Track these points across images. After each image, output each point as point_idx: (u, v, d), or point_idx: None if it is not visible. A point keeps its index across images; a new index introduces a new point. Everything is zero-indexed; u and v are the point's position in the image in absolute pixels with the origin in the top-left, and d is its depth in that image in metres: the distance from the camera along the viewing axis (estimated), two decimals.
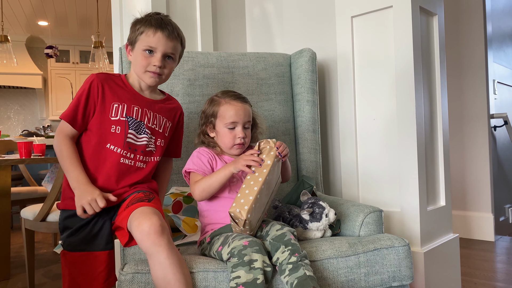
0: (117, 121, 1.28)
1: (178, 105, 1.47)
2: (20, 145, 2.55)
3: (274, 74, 1.93)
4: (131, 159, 1.29)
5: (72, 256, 1.23)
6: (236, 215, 1.18)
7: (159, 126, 1.36)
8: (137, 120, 1.30)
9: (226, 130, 1.39)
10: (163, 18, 1.31)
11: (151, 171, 1.35)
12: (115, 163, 1.26)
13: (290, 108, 1.95)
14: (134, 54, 1.32)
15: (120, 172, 1.26)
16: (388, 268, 1.28)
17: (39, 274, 2.55)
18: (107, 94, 1.28)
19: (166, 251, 1.06)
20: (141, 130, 1.31)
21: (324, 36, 2.14)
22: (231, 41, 2.46)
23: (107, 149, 1.26)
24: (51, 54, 5.47)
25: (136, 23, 1.32)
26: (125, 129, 1.28)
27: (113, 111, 1.28)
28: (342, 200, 1.59)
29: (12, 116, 6.73)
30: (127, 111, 1.29)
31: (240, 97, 1.42)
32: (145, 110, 1.33)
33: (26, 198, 3.04)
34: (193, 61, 1.81)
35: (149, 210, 1.12)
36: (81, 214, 1.18)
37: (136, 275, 1.10)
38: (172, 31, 1.31)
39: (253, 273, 1.08)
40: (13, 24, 5.93)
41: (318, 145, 1.91)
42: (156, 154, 1.36)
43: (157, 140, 1.35)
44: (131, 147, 1.29)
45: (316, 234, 1.39)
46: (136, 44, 1.31)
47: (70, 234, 1.24)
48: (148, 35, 1.28)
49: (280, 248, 1.16)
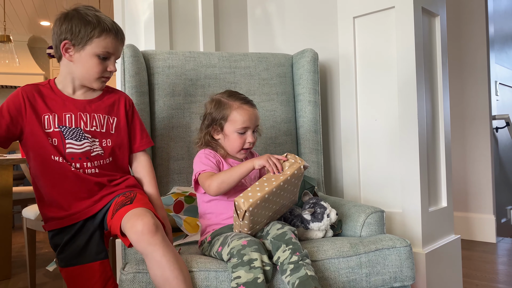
0: (52, 132, 1.22)
1: (120, 95, 1.37)
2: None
3: (276, 74, 1.93)
4: (78, 168, 1.22)
5: (67, 271, 1.22)
6: (239, 205, 1.17)
7: (100, 126, 1.29)
8: (72, 128, 1.23)
9: (236, 134, 1.35)
10: (112, 21, 1.25)
11: (107, 174, 1.28)
12: (67, 173, 1.21)
13: (291, 109, 1.94)
14: (82, 58, 1.23)
15: (76, 182, 1.22)
16: (390, 268, 1.28)
17: (40, 273, 2.56)
18: (36, 106, 1.22)
19: (161, 249, 1.05)
20: (80, 137, 1.24)
21: (326, 36, 2.14)
22: (233, 41, 2.46)
23: (53, 161, 1.21)
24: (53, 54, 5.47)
25: (84, 21, 1.20)
26: (61, 140, 1.22)
27: (46, 123, 1.22)
28: (344, 201, 1.59)
29: None
30: (59, 120, 1.23)
31: (250, 102, 1.39)
32: (79, 114, 1.25)
33: (27, 197, 3.05)
34: (195, 61, 1.81)
35: (139, 211, 1.11)
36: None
37: (137, 275, 1.10)
38: (123, 34, 1.28)
39: (254, 273, 1.08)
40: (15, 24, 5.95)
41: (319, 146, 1.90)
42: (105, 156, 1.28)
43: (102, 142, 1.28)
44: (74, 157, 1.22)
45: (317, 234, 1.39)
46: (87, 47, 1.21)
47: (60, 251, 1.23)
48: (106, 41, 1.21)
49: (281, 247, 1.16)
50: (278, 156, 1.28)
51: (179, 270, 1.06)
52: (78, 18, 1.21)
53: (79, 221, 1.23)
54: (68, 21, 1.21)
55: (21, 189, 3.10)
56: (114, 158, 1.31)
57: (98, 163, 1.26)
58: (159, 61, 1.75)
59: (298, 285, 1.08)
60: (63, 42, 1.21)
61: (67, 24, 1.21)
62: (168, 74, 1.74)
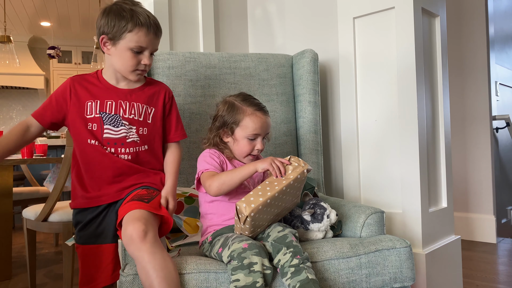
0: (92, 118, 1.31)
1: (161, 87, 1.44)
2: None
3: (275, 75, 1.93)
4: (112, 153, 1.31)
5: (84, 249, 1.31)
6: (241, 209, 1.17)
7: (138, 115, 1.35)
8: (111, 114, 1.31)
9: (246, 140, 1.34)
10: (148, 15, 1.28)
11: (140, 161, 1.35)
12: (100, 156, 1.29)
13: (291, 109, 1.94)
14: (118, 51, 1.29)
15: (108, 164, 1.30)
16: (390, 269, 1.28)
17: (40, 274, 2.56)
18: (80, 94, 1.32)
19: (147, 255, 1.06)
20: (118, 123, 1.31)
21: (326, 37, 2.14)
22: (233, 41, 2.46)
23: (89, 144, 1.30)
24: (54, 55, 5.48)
25: (119, 16, 1.26)
26: (100, 125, 1.30)
27: (88, 109, 1.31)
28: (344, 201, 1.59)
29: (14, 116, 6.75)
30: (100, 107, 1.31)
31: (263, 108, 1.38)
32: (119, 102, 1.33)
33: (28, 198, 3.05)
34: (195, 61, 1.81)
35: (138, 214, 1.13)
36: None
37: (136, 277, 1.10)
38: (158, 28, 1.31)
39: (253, 276, 1.08)
40: (15, 25, 5.95)
41: (319, 146, 1.90)
42: (141, 143, 1.35)
43: (138, 130, 1.35)
44: (110, 142, 1.30)
45: (317, 235, 1.39)
46: (121, 41, 1.27)
47: (81, 228, 1.31)
48: (139, 36, 1.26)
49: (282, 250, 1.15)
50: (281, 160, 1.28)
51: (162, 277, 1.05)
52: (114, 12, 1.26)
53: (104, 204, 1.30)
54: (105, 16, 1.27)
55: (21, 189, 3.10)
56: (149, 147, 1.38)
57: (134, 150, 1.33)
58: (159, 62, 1.75)
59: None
60: (101, 36, 1.29)
61: (104, 19, 1.27)
62: (168, 75, 1.74)
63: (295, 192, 1.29)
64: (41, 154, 2.77)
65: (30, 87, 6.39)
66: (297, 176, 1.24)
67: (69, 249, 1.96)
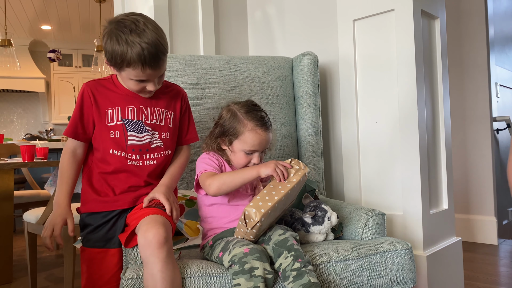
0: (114, 126, 1.28)
1: (178, 91, 1.42)
2: (23, 149, 2.55)
3: (276, 77, 1.93)
4: (137, 160, 1.29)
5: (90, 252, 1.29)
6: (250, 215, 1.17)
7: (160, 120, 1.33)
8: (134, 121, 1.29)
9: (243, 153, 1.33)
10: (144, 46, 1.14)
11: (165, 166, 1.35)
12: (123, 167, 1.28)
13: (292, 112, 1.95)
14: (122, 77, 1.27)
15: (130, 173, 1.28)
16: (391, 271, 1.28)
17: (41, 277, 2.56)
18: (99, 101, 1.28)
19: (161, 264, 1.06)
20: (142, 129, 1.29)
21: (326, 39, 2.15)
22: (233, 44, 2.47)
23: (111, 155, 1.28)
24: (54, 58, 5.49)
25: (115, 49, 1.16)
26: (123, 132, 1.27)
27: (109, 117, 1.28)
28: (344, 203, 1.59)
29: (15, 119, 6.75)
30: (122, 113, 1.28)
31: (265, 124, 1.33)
32: (141, 107, 1.30)
33: (28, 201, 3.05)
34: (195, 64, 1.81)
35: (160, 219, 1.13)
36: (45, 237, 1.23)
37: (137, 281, 1.10)
38: (159, 59, 1.19)
39: (254, 281, 1.08)
40: (16, 28, 5.96)
41: (320, 148, 1.90)
42: (165, 148, 1.34)
43: (161, 134, 1.33)
44: (135, 148, 1.28)
45: (318, 237, 1.39)
46: (122, 72, 1.22)
47: (90, 231, 1.29)
48: (136, 71, 1.18)
49: (283, 253, 1.15)
50: (284, 163, 1.28)
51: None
52: (111, 41, 1.17)
53: (120, 209, 1.29)
54: (105, 40, 1.19)
55: (22, 193, 3.10)
56: (172, 151, 1.37)
57: (158, 155, 1.32)
58: None
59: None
60: (105, 59, 1.23)
61: (105, 43, 1.20)
62: (168, 78, 1.74)
63: (295, 194, 1.30)
64: (42, 157, 2.76)
65: (30, 90, 6.40)
66: (299, 179, 1.25)
67: (70, 252, 1.96)
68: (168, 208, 1.21)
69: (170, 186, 1.31)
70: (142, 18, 1.19)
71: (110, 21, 1.21)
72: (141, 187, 1.31)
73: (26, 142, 4.03)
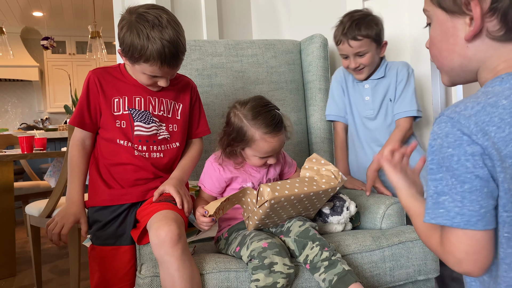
0: (121, 115, 1.24)
1: (187, 82, 1.37)
2: (21, 140, 2.49)
3: (284, 61, 1.86)
4: (144, 151, 1.24)
5: (101, 250, 1.22)
6: (263, 192, 1.10)
7: (167, 111, 1.30)
8: (141, 111, 1.25)
9: (256, 157, 1.24)
10: (164, 44, 1.11)
11: (172, 159, 1.30)
12: (130, 157, 1.23)
13: (301, 97, 1.88)
14: (134, 70, 1.22)
15: (138, 165, 1.23)
16: (414, 261, 1.24)
17: (45, 269, 2.51)
18: (106, 89, 1.24)
19: (177, 262, 1.02)
20: (149, 120, 1.25)
21: (335, 20, 2.06)
22: (236, 28, 2.38)
23: (119, 145, 1.23)
24: (47, 46, 5.36)
25: (134, 42, 1.11)
26: (130, 122, 1.24)
27: (115, 106, 1.24)
28: (361, 192, 1.54)
29: (9, 109, 6.64)
30: (129, 103, 1.24)
31: (275, 129, 1.20)
32: (148, 98, 1.26)
33: (28, 193, 2.99)
34: (200, 50, 1.74)
35: (171, 215, 1.09)
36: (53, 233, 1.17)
37: (155, 279, 1.05)
38: (178, 58, 1.18)
39: (273, 277, 1.04)
40: (7, 16, 5.81)
41: (331, 135, 1.85)
42: (172, 140, 1.30)
43: (169, 126, 1.29)
44: (141, 139, 1.24)
45: (336, 227, 1.34)
46: (136, 66, 1.18)
47: (99, 228, 1.23)
48: (153, 68, 1.15)
49: (308, 244, 1.11)
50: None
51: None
52: (130, 33, 1.12)
53: (128, 203, 1.23)
54: (123, 30, 1.14)
55: (22, 184, 3.04)
56: (181, 144, 1.32)
57: (165, 147, 1.28)
58: None
59: (337, 282, 1.04)
60: (118, 49, 1.19)
61: (121, 33, 1.15)
62: None
63: (317, 202, 1.22)
64: (41, 148, 2.70)
65: (24, 79, 6.27)
66: (327, 189, 1.18)
67: (75, 243, 1.91)
68: (179, 201, 1.17)
69: (181, 179, 1.27)
70: (165, 14, 1.16)
71: (131, 11, 1.15)
72: (150, 180, 1.26)
73: (24, 133, 3.96)
